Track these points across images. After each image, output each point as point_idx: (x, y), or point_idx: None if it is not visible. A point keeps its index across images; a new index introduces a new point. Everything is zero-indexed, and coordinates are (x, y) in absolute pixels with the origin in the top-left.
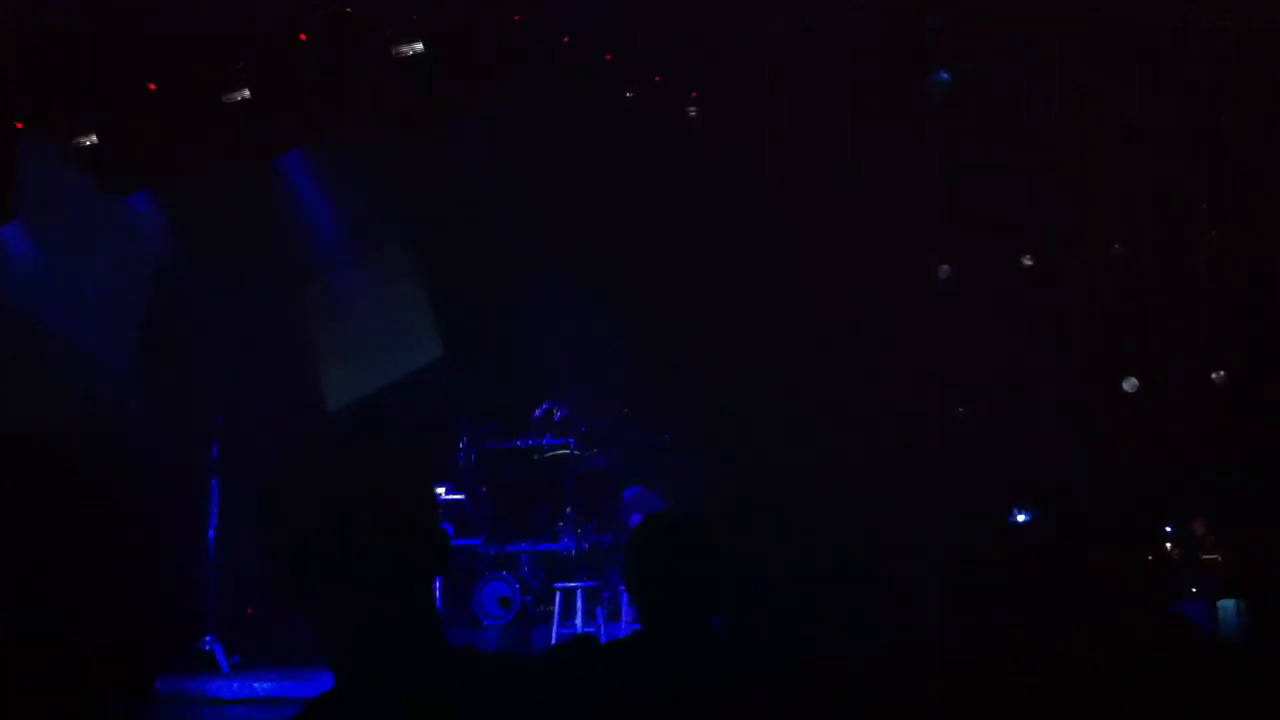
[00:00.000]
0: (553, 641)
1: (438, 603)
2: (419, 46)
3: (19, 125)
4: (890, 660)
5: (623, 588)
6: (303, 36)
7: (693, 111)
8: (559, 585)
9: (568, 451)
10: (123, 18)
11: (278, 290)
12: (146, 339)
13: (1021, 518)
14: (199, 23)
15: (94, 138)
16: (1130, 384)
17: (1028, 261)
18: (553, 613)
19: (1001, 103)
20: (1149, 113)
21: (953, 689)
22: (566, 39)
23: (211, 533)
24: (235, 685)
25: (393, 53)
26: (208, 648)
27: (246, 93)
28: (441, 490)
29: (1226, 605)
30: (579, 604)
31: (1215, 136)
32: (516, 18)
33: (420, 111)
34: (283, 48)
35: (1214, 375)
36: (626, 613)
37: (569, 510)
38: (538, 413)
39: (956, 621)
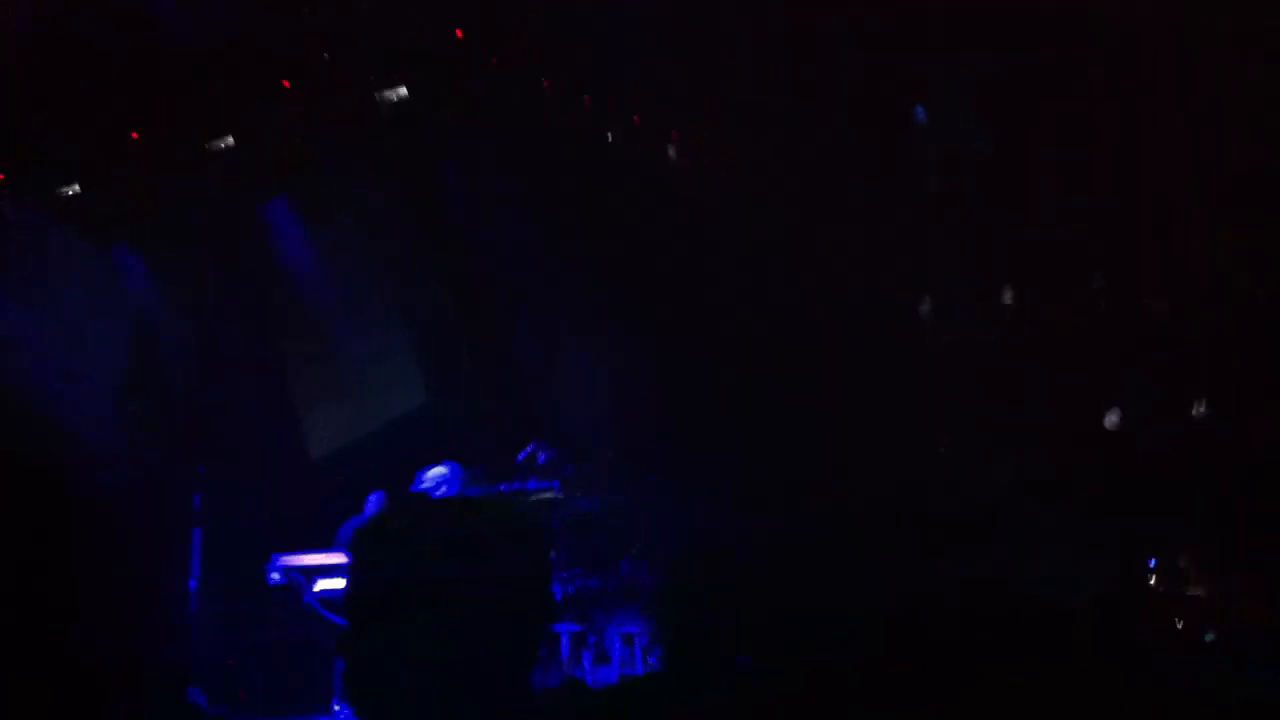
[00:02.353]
0: (538, 686)
1: None
2: (403, 91)
3: (0, 177)
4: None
5: (610, 632)
6: (285, 84)
7: (672, 152)
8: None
9: (552, 495)
10: (102, 66)
11: (261, 337)
12: (128, 388)
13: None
14: (180, 70)
15: (75, 188)
16: (1111, 420)
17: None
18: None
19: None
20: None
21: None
22: (547, 83)
23: (194, 583)
24: None
25: (376, 98)
26: (191, 699)
27: (230, 140)
28: None
29: None
30: (563, 648)
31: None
32: (494, 59)
33: (404, 155)
34: (265, 94)
35: (1196, 409)
36: (616, 656)
37: (553, 554)
38: (521, 456)
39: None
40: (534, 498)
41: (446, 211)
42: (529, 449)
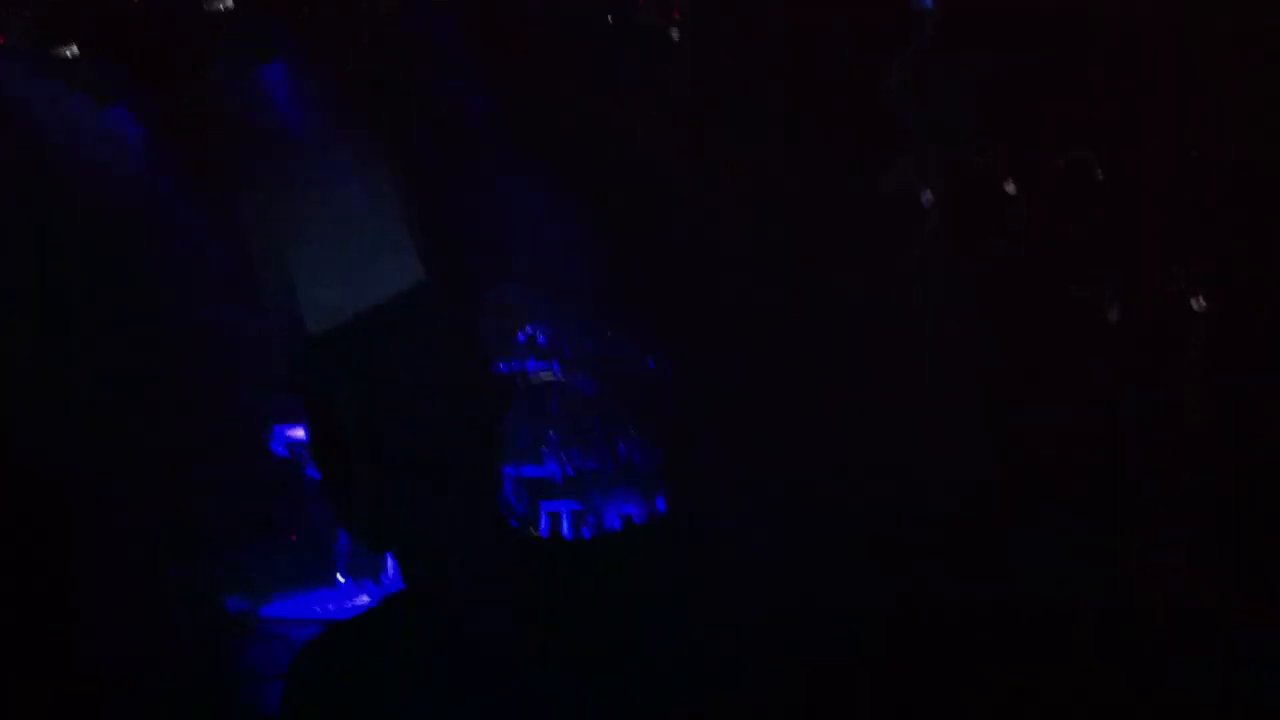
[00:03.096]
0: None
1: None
2: None
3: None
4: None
5: (610, 512)
6: None
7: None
8: (545, 507)
9: (551, 376)
10: None
11: (259, 202)
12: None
13: None
14: None
15: (74, 48)
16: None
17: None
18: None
19: None
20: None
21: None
22: None
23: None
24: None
25: None
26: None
27: (230, 1)
28: None
29: None
30: (565, 527)
31: None
32: None
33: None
34: None
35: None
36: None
37: (553, 435)
38: (520, 337)
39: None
40: (532, 379)
41: (441, 81)
42: (528, 329)
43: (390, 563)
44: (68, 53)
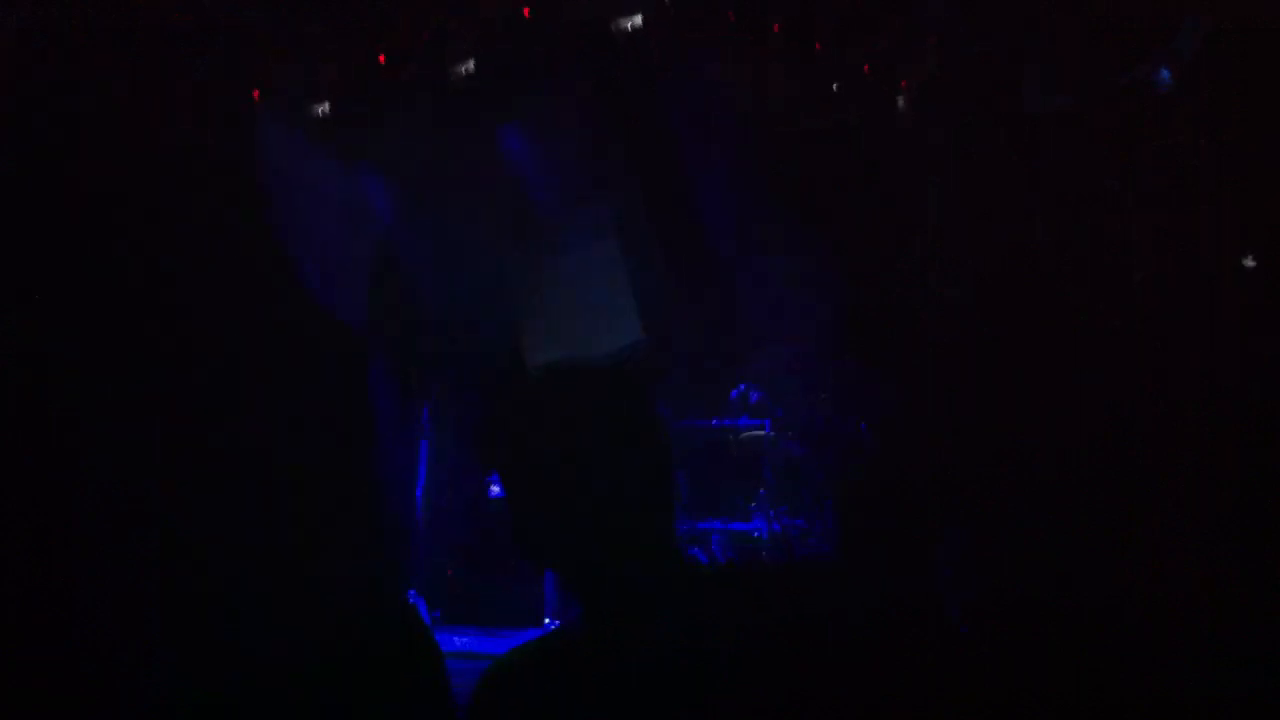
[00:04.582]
0: None
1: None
2: (638, 20)
3: (255, 93)
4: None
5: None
6: (525, 12)
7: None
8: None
9: (763, 433)
10: None
11: (488, 263)
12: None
13: None
14: None
15: (327, 106)
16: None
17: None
18: None
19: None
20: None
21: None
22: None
23: (419, 492)
24: (436, 638)
25: (613, 27)
26: (412, 601)
27: (471, 65)
28: None
29: None
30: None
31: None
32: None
33: (630, 81)
34: (507, 21)
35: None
36: None
37: (762, 492)
38: (734, 394)
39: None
40: (744, 434)
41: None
42: (740, 387)
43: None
44: (319, 111)
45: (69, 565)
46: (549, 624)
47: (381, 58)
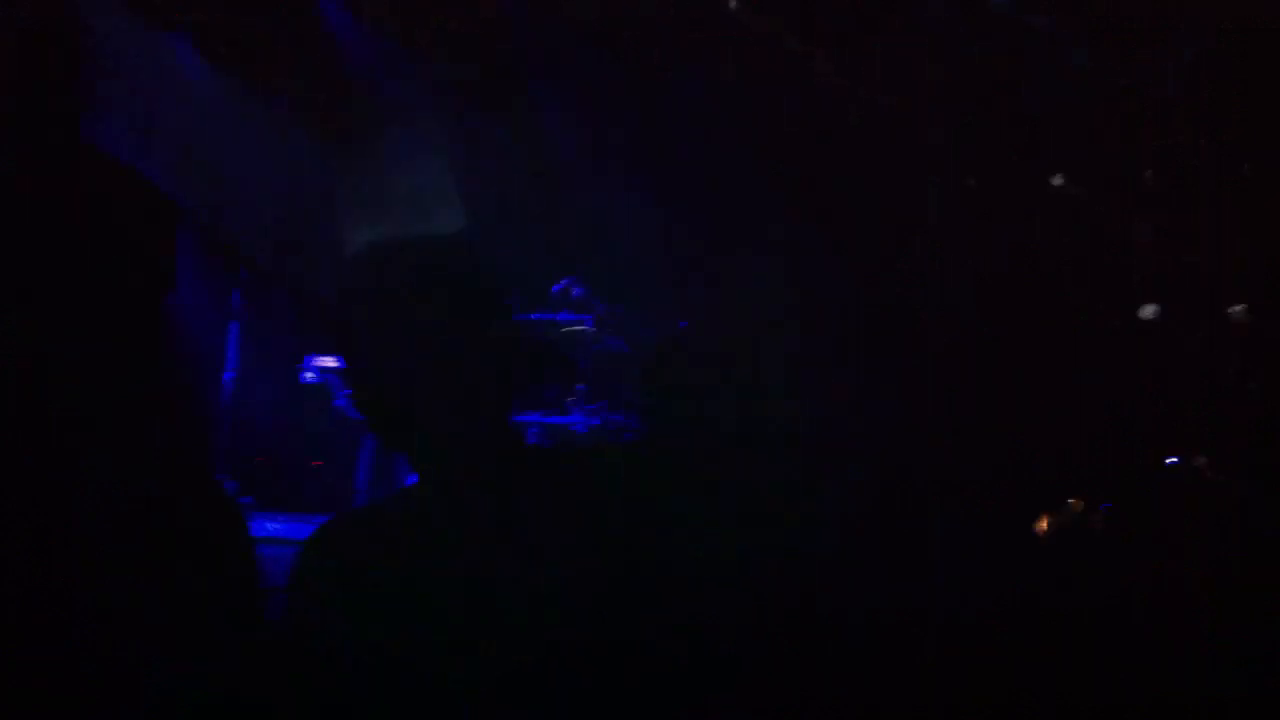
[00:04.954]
0: None
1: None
2: None
3: None
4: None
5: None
6: None
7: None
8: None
9: (583, 329)
10: None
11: (311, 137)
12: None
13: None
14: None
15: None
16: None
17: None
18: None
19: None
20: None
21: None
22: None
23: (228, 376)
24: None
25: None
26: (221, 483)
27: None
28: None
29: None
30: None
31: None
32: None
33: None
34: None
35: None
36: None
37: (581, 387)
38: (555, 288)
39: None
40: (564, 329)
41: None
42: (563, 282)
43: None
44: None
45: None
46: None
47: None
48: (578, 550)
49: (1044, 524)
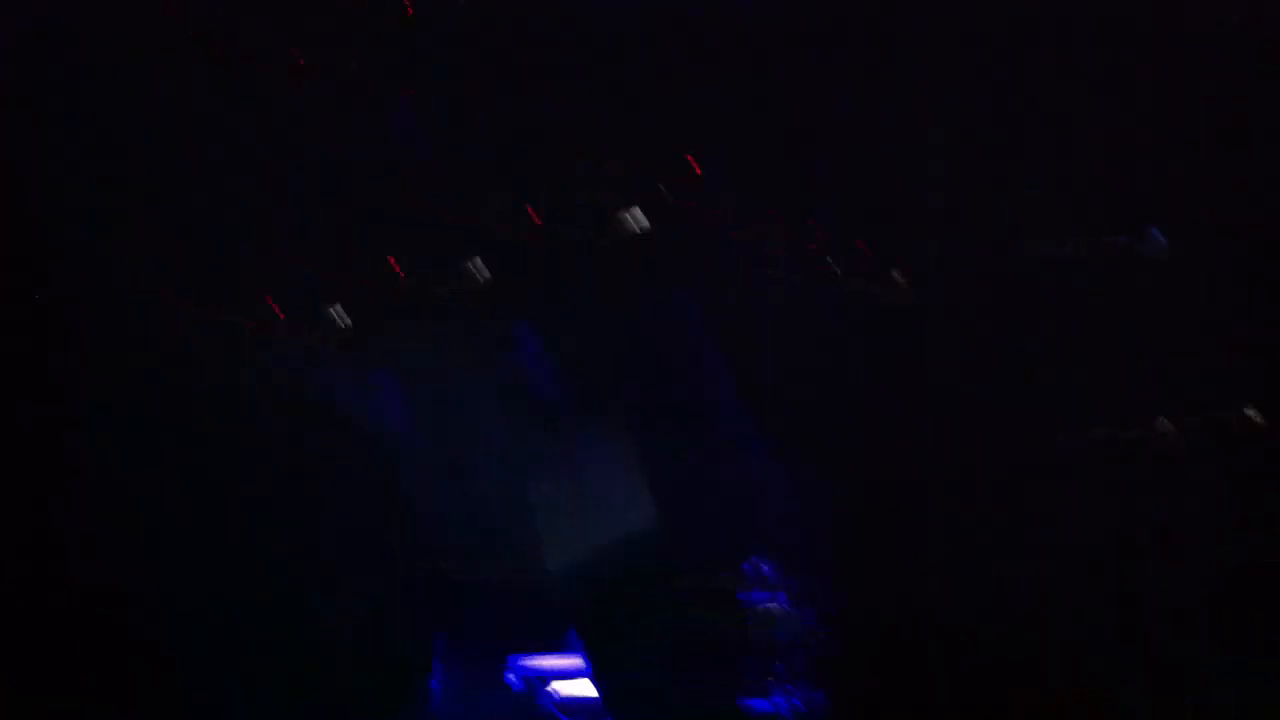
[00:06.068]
0: None
1: None
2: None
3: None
4: None
5: None
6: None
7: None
8: None
9: (777, 607)
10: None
11: (501, 449)
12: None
13: None
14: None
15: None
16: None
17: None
18: None
19: None
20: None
21: None
22: None
23: (434, 684)
24: None
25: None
26: None
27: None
28: None
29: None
30: None
31: None
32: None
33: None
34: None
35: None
36: None
37: (779, 667)
38: (746, 567)
39: None
40: (760, 608)
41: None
42: (752, 560)
43: None
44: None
45: None
46: None
47: (394, 265)
48: None
49: None
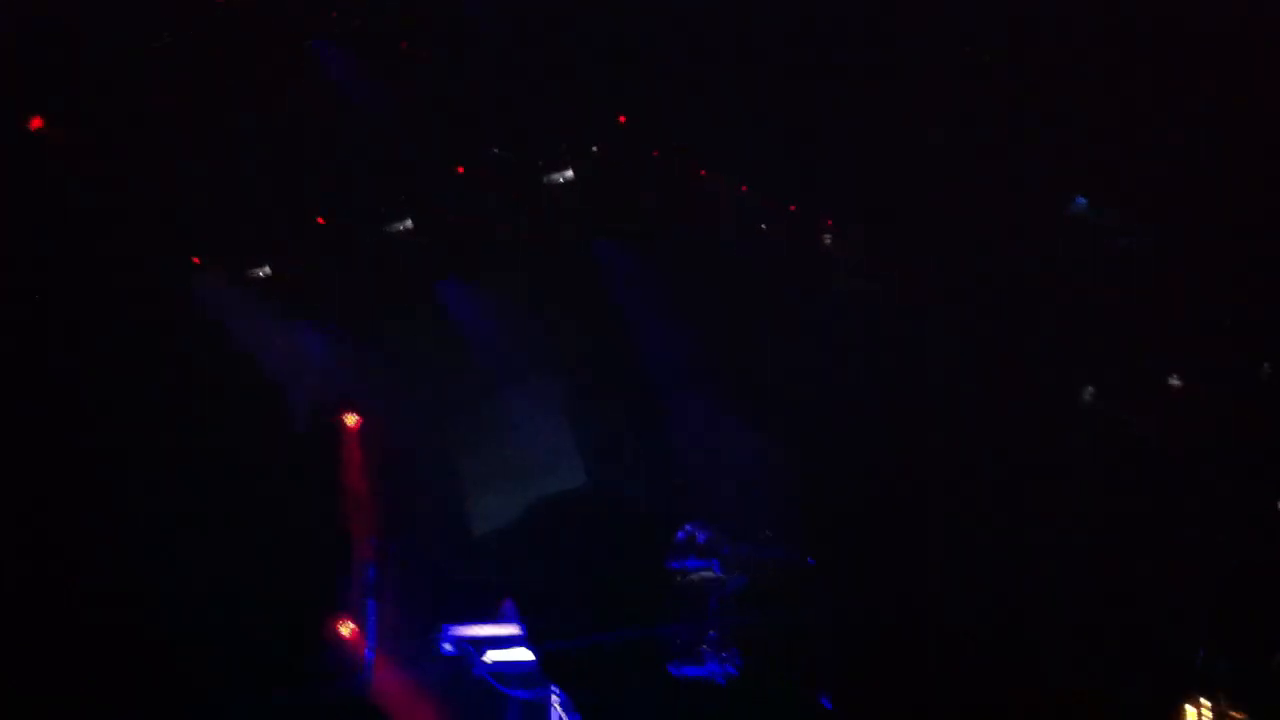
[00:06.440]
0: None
1: None
2: (569, 174)
3: (195, 260)
4: None
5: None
6: (460, 169)
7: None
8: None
9: (711, 574)
10: (290, 156)
11: (437, 414)
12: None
13: None
14: (362, 157)
15: (267, 269)
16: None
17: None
18: None
19: None
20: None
21: None
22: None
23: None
24: None
25: (545, 181)
26: None
27: (409, 223)
28: None
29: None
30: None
31: None
32: (655, 152)
33: (567, 238)
34: (440, 181)
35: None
36: None
37: (713, 634)
38: (680, 535)
39: None
40: (691, 576)
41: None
42: (686, 529)
43: None
44: (260, 273)
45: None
46: None
47: (320, 219)
48: None
49: None
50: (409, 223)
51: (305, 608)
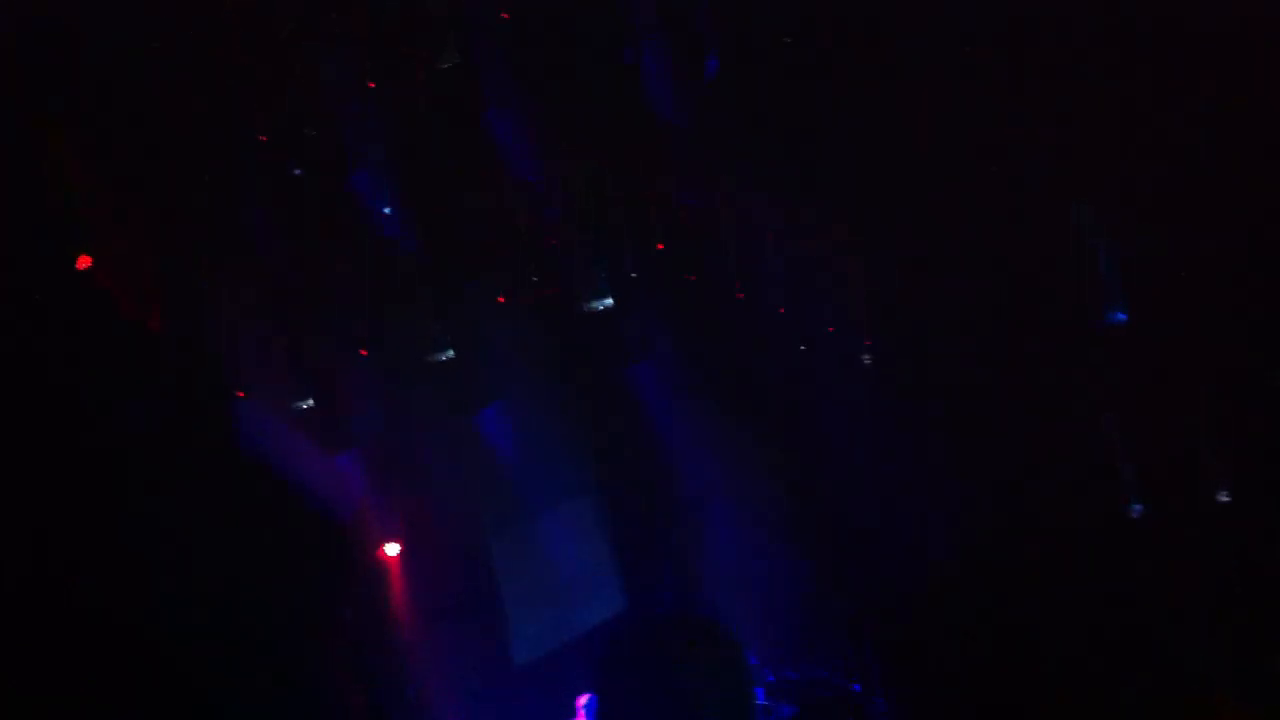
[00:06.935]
0: None
1: None
2: (609, 302)
3: (240, 394)
4: None
5: None
6: (500, 300)
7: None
8: None
9: (761, 703)
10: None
11: (471, 538)
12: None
13: None
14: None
15: (310, 401)
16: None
17: None
18: None
19: None
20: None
21: None
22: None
23: None
24: None
25: (584, 310)
26: None
27: (451, 352)
28: None
29: None
30: None
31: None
32: (691, 277)
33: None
34: (477, 308)
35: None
36: None
37: None
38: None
39: None
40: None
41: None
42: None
43: None
44: (303, 406)
45: None
46: None
47: (364, 351)
48: None
49: None
50: (450, 353)
51: None
